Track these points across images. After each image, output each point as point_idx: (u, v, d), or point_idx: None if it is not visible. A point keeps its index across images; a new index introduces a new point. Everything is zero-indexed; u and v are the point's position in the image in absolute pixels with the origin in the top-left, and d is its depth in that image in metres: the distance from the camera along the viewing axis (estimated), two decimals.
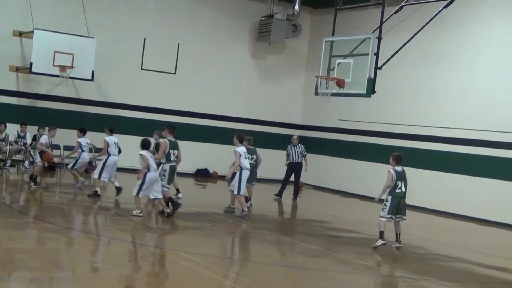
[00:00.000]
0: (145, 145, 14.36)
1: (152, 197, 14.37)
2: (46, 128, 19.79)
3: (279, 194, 21.12)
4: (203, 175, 25.10)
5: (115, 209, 16.13)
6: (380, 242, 13.26)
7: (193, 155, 24.87)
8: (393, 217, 13.44)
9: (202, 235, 13.76)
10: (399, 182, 13.37)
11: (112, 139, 17.65)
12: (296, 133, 26.21)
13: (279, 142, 25.55)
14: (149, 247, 12.14)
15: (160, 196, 14.35)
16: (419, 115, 22.57)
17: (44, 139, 18.69)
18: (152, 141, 15.72)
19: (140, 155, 14.19)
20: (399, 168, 13.48)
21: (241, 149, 16.01)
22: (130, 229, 13.33)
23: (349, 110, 24.65)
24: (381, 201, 13.62)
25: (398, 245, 13.52)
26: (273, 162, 23.19)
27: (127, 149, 19.07)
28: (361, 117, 24.45)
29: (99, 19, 23.40)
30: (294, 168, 21.24)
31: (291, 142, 21.42)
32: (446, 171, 21.51)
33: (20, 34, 22.51)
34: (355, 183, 24.34)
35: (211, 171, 25.60)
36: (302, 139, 22.42)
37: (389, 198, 13.38)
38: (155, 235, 13.35)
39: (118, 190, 17.05)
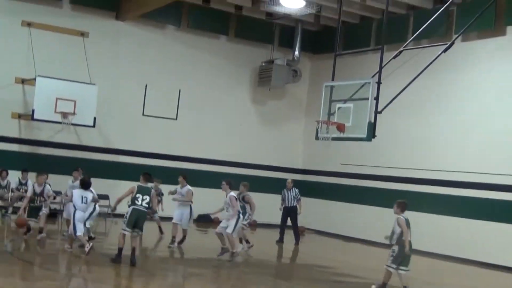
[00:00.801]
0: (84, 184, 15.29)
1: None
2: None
3: (280, 239, 20.97)
4: (205, 221, 24.99)
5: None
6: None
7: (195, 200, 24.83)
8: (399, 268, 12.92)
9: (205, 281, 13.66)
10: (408, 231, 12.92)
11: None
12: (297, 177, 26.25)
13: (281, 187, 25.46)
14: None
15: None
16: (421, 158, 22.58)
17: (29, 189, 17.20)
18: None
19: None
20: (405, 216, 13.07)
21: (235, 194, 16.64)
22: (131, 277, 13.24)
23: (351, 154, 24.67)
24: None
25: None
26: (274, 207, 23.12)
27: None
28: (363, 161, 24.47)
29: (101, 66, 23.61)
30: (289, 212, 21.11)
31: (285, 186, 21.36)
32: (449, 215, 21.41)
33: (23, 81, 22.70)
34: (358, 227, 24.24)
35: (212, 217, 25.47)
36: (303, 184, 22.43)
37: (396, 247, 12.89)
38: (153, 282, 13.26)
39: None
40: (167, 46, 25.52)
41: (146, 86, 24.79)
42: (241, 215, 16.21)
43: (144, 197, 14.33)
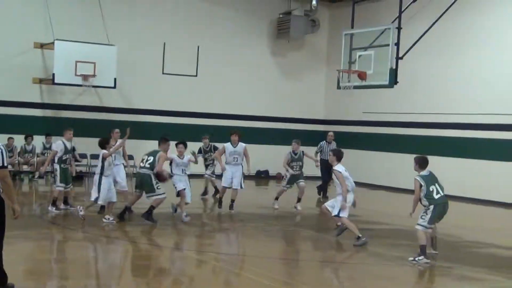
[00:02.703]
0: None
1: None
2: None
3: (325, 194, 20.21)
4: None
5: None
6: (423, 260, 11.36)
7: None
8: (434, 226, 11.91)
9: (229, 235, 13.77)
10: (432, 187, 11.62)
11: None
12: (320, 128, 26.23)
13: (303, 138, 25.48)
14: (182, 250, 12.19)
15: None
16: (444, 102, 22.41)
17: (57, 146, 15.68)
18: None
19: None
20: (425, 172, 11.80)
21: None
22: (161, 234, 13.38)
23: (373, 102, 24.55)
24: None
25: (433, 252, 11.96)
26: None
27: None
28: (385, 108, 24.35)
29: (118, 26, 23.55)
30: (328, 165, 20.23)
31: (325, 138, 20.43)
32: (472, 158, 21.34)
33: (41, 45, 22.73)
34: (382, 174, 24.25)
35: None
36: (325, 134, 22.21)
37: (431, 207, 11.55)
38: (188, 238, 13.37)
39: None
40: (184, 2, 25.36)
41: (164, 44, 24.70)
42: (350, 195, 13.22)
43: (149, 158, 14.25)
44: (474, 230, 15.58)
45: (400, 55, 16.26)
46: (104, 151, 14.03)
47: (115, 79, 22.27)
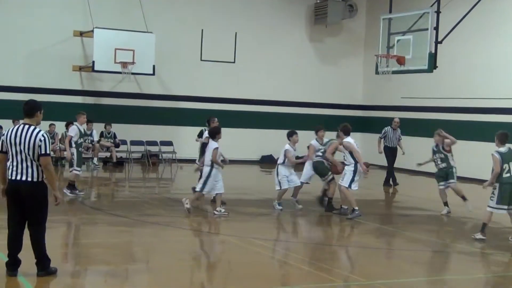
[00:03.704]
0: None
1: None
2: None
3: (394, 181, 19.70)
4: (268, 161, 25.14)
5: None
6: (479, 236, 11.71)
7: (257, 142, 25.08)
8: (507, 208, 11.65)
9: (270, 221, 13.82)
10: (506, 165, 11.51)
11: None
12: (358, 114, 26.17)
13: (339, 124, 25.47)
14: (220, 235, 12.30)
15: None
16: (484, 87, 22.13)
17: (72, 130, 15.55)
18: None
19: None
20: (504, 149, 11.66)
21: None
22: (199, 220, 13.50)
23: (411, 87, 24.36)
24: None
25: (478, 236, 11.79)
26: None
27: (193, 140, 19.08)
28: (424, 93, 24.14)
29: (157, 14, 23.69)
30: (393, 152, 19.65)
31: (391, 124, 19.73)
32: None
33: (81, 34, 22.99)
34: (421, 160, 24.03)
35: (275, 157, 25.66)
36: (363, 119, 22.18)
37: (497, 185, 11.52)
38: (226, 223, 13.46)
39: None
40: None
41: (202, 31, 24.79)
42: (358, 166, 13.61)
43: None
44: None
45: (439, 40, 16.13)
46: (215, 143, 13.53)
47: (153, 66, 22.44)
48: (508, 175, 11.49)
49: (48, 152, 8.16)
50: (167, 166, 23.48)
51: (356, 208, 13.52)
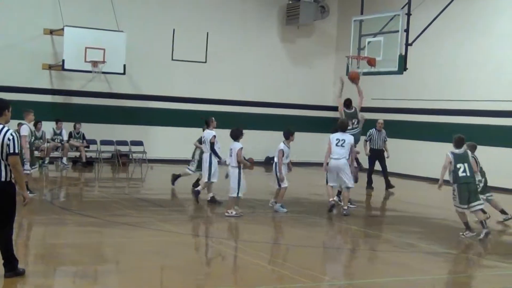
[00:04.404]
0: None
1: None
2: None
3: (370, 185, 19.31)
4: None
5: (156, 202, 16.25)
6: (469, 234, 12.24)
7: (225, 143, 24.97)
8: (467, 207, 12.29)
9: (244, 221, 13.79)
10: (460, 165, 12.18)
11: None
12: (329, 115, 26.18)
13: (312, 125, 25.57)
14: (192, 235, 12.24)
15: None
16: (454, 89, 22.32)
17: (25, 130, 15.18)
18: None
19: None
20: (458, 150, 12.38)
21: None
22: (171, 220, 13.44)
23: (382, 88, 24.48)
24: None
25: (485, 231, 12.12)
26: (307, 145, 23.26)
27: (164, 140, 19.12)
28: (394, 95, 24.28)
29: (128, 12, 23.56)
30: (378, 155, 19.34)
31: (375, 126, 19.46)
32: (484, 145, 21.24)
33: (51, 32, 22.78)
34: (394, 162, 24.16)
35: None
36: (334, 121, 22.04)
37: (455, 186, 12.27)
38: (198, 224, 13.41)
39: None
40: None
41: (174, 30, 24.69)
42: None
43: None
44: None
45: (409, 42, 16.23)
46: (239, 144, 13.90)
47: (124, 66, 22.29)
48: (464, 174, 12.17)
49: (16, 151, 8.07)
50: (137, 166, 23.36)
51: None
